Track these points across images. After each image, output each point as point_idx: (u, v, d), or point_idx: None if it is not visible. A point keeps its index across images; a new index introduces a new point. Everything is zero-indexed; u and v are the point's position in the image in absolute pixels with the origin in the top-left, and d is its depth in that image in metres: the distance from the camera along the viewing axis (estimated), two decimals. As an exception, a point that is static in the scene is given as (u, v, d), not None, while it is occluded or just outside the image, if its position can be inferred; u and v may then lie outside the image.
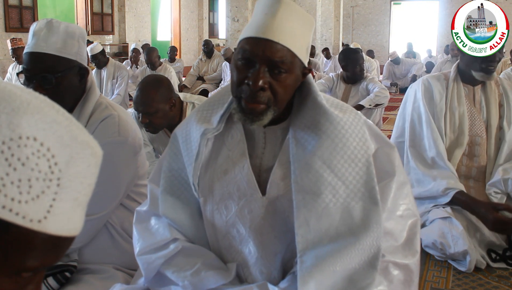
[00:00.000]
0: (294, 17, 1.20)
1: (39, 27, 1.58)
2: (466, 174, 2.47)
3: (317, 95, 1.27)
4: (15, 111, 0.50)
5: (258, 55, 1.17)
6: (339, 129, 1.25)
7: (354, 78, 4.39)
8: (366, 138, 1.28)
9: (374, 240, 1.22)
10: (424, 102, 2.46)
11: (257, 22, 1.20)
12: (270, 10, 1.19)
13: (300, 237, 1.22)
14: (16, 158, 0.49)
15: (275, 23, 1.17)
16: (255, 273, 1.33)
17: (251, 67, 1.18)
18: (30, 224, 0.50)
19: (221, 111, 1.32)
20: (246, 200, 1.31)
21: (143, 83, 2.39)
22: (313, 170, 1.22)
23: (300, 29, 1.21)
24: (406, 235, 1.35)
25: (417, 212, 1.40)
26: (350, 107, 1.34)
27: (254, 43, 1.18)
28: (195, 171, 1.32)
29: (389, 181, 1.33)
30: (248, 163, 1.30)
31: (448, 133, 2.44)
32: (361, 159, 1.25)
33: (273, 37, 1.17)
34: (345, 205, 1.23)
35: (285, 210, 1.29)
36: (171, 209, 1.37)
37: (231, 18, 9.17)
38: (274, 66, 1.18)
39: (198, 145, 1.30)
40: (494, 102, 2.47)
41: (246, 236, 1.32)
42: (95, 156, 0.57)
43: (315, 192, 1.22)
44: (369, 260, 1.22)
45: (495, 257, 2.22)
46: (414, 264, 1.35)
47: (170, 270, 1.32)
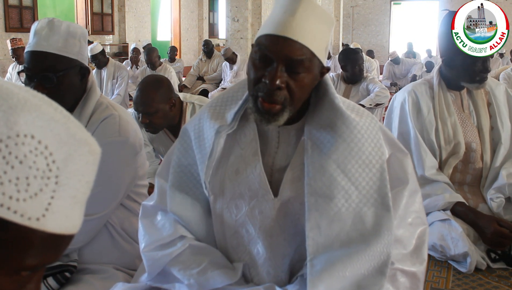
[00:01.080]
0: (314, 16, 1.17)
1: (41, 26, 1.58)
2: (460, 181, 2.43)
3: (335, 97, 1.26)
4: (12, 109, 0.50)
5: (277, 53, 1.15)
6: (355, 133, 1.24)
7: (354, 78, 4.39)
8: (381, 143, 1.27)
9: (384, 247, 1.21)
10: (411, 117, 2.39)
11: (276, 20, 1.17)
12: (289, 8, 1.16)
13: (311, 240, 1.21)
14: (13, 156, 0.49)
15: (294, 21, 1.15)
16: (262, 274, 1.32)
17: (269, 65, 1.16)
18: (28, 222, 0.50)
19: (235, 108, 1.30)
20: (257, 200, 1.30)
21: (143, 83, 2.39)
22: (327, 173, 1.21)
23: (320, 28, 1.18)
24: (415, 243, 1.35)
25: (425, 220, 1.40)
26: (366, 111, 1.33)
27: (272, 41, 1.15)
28: (208, 169, 1.30)
29: (402, 189, 1.32)
30: (260, 164, 1.29)
31: (443, 145, 2.37)
32: (375, 165, 1.24)
33: (293, 36, 1.14)
34: (357, 210, 1.22)
35: (296, 213, 1.28)
36: (180, 205, 1.36)
37: (231, 18, 9.16)
38: (293, 65, 1.16)
39: (212, 143, 1.28)
40: (482, 103, 2.43)
41: (255, 236, 1.31)
42: (93, 153, 0.56)
43: (328, 195, 1.21)
44: (379, 267, 1.21)
45: (495, 257, 2.22)
46: (421, 272, 1.34)
47: (176, 267, 1.31)
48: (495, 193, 2.36)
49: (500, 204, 2.35)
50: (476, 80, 2.33)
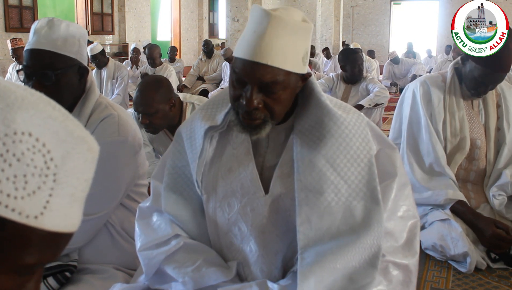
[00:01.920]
0: (285, 32, 1.15)
1: (41, 25, 1.58)
2: (464, 178, 2.45)
3: (321, 95, 1.27)
4: (9, 107, 0.50)
5: (249, 77, 1.17)
6: (343, 129, 1.26)
7: (353, 79, 4.39)
8: (368, 138, 1.29)
9: (375, 239, 1.23)
10: (422, 105, 2.43)
11: (248, 41, 1.17)
12: (258, 28, 1.16)
13: (302, 235, 1.23)
14: (11, 154, 0.49)
15: (263, 43, 1.14)
16: (255, 271, 1.34)
17: (245, 85, 1.19)
18: (26, 220, 0.50)
19: (226, 109, 1.33)
20: (248, 198, 1.32)
21: (143, 84, 2.39)
22: (316, 169, 1.23)
23: (293, 41, 1.17)
24: (406, 236, 1.36)
25: (417, 213, 1.41)
26: (353, 108, 1.35)
27: (244, 65, 1.17)
28: (199, 168, 1.33)
29: (390, 182, 1.34)
30: (253, 162, 1.32)
31: (449, 138, 2.40)
32: (364, 159, 1.26)
33: (262, 59, 1.14)
34: (347, 204, 1.24)
35: (288, 209, 1.30)
36: (174, 205, 1.38)
37: (231, 18, 9.16)
38: (267, 86, 1.17)
39: (202, 142, 1.31)
40: (492, 104, 2.45)
41: (247, 234, 1.33)
42: (91, 151, 0.56)
43: (318, 190, 1.23)
44: (370, 259, 1.22)
45: (495, 257, 2.22)
46: (414, 264, 1.35)
47: (171, 266, 1.33)
48: (497, 191, 2.37)
49: (502, 202, 2.36)
50: (471, 90, 2.36)
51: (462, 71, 2.41)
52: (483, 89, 2.32)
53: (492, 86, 2.32)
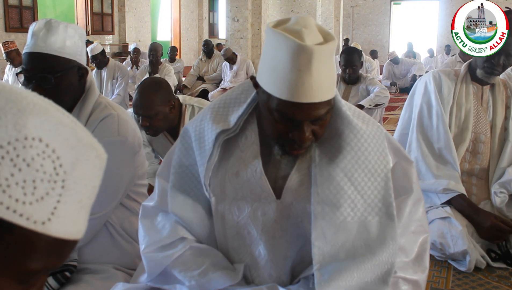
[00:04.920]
0: (327, 62, 1.10)
1: (38, 27, 1.58)
2: (469, 171, 2.46)
3: (342, 105, 1.25)
4: (21, 112, 0.50)
5: (302, 116, 1.12)
6: (362, 142, 1.24)
7: (351, 79, 4.38)
8: (386, 152, 1.28)
9: (389, 257, 1.22)
10: (435, 93, 2.45)
11: (290, 81, 1.07)
12: (304, 66, 1.06)
13: (317, 249, 1.22)
14: (21, 159, 0.49)
15: (313, 82, 1.07)
16: (264, 275, 1.33)
17: (292, 121, 1.14)
18: (34, 226, 0.50)
19: (239, 111, 1.28)
20: (260, 202, 1.30)
21: (142, 86, 2.38)
22: (334, 182, 1.22)
23: (332, 67, 1.13)
24: (417, 251, 1.35)
25: (427, 228, 1.41)
26: (372, 118, 1.33)
27: (295, 108, 1.10)
28: (207, 172, 1.29)
29: (405, 198, 1.33)
30: (260, 166, 1.28)
31: (453, 128, 2.43)
32: (380, 173, 1.25)
33: (315, 99, 1.09)
34: (362, 219, 1.23)
35: (299, 215, 1.29)
36: (181, 206, 1.35)
37: (231, 18, 9.16)
38: (318, 119, 1.15)
39: (213, 146, 1.27)
40: (501, 103, 2.47)
41: (257, 238, 1.31)
42: (99, 158, 0.57)
43: (335, 204, 1.22)
44: (382, 276, 1.22)
45: (495, 257, 2.23)
46: (423, 280, 1.35)
47: (177, 269, 1.31)
48: (499, 188, 2.38)
49: (503, 199, 2.37)
50: (484, 66, 2.36)
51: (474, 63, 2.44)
52: (496, 59, 2.32)
53: (504, 58, 2.31)
